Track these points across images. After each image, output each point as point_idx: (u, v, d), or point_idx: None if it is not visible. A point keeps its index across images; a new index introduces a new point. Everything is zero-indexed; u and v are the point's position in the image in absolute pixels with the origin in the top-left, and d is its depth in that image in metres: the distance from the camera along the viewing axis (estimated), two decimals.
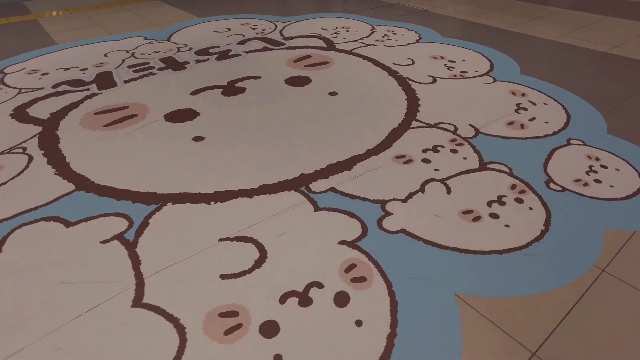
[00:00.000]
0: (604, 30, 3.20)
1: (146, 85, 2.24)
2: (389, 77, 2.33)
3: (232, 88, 2.21)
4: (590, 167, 1.56)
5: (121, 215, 1.33)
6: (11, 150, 1.69)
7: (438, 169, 1.53)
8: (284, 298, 1.04)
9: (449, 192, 1.41)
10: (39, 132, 1.81)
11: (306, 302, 1.03)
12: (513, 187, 1.44)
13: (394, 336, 0.96)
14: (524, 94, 2.14)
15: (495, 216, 1.31)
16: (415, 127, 1.82)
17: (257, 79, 2.32)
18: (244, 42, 2.91)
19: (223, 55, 2.65)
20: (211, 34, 3.09)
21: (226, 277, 1.11)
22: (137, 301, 1.05)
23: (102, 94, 2.16)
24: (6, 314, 1.02)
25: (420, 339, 0.95)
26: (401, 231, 1.25)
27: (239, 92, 2.17)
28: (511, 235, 1.24)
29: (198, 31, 3.16)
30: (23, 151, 1.68)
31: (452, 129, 1.81)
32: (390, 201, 1.37)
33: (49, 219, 1.32)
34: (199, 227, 1.27)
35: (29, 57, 2.67)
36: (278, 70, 2.42)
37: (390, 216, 1.30)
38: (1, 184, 1.49)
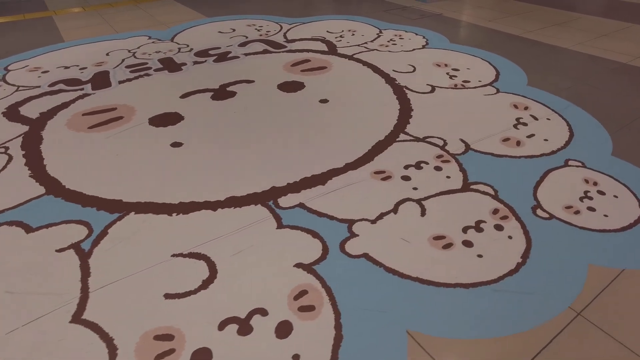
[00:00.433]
0: (629, 39, 2.99)
1: (139, 87, 2.24)
2: (386, 85, 2.24)
3: (222, 92, 2.17)
4: (586, 192, 1.44)
5: (83, 222, 1.31)
6: None
7: (417, 188, 1.44)
8: (223, 324, 0.99)
9: (423, 214, 1.32)
10: (24, 132, 1.82)
11: (246, 330, 0.98)
12: (495, 212, 1.33)
13: None
14: (526, 108, 2.01)
15: (468, 244, 1.21)
16: (401, 141, 1.73)
17: (251, 83, 2.28)
18: (245, 44, 2.87)
19: (222, 57, 2.63)
20: (215, 35, 3.07)
21: (170, 296, 1.07)
22: (77, 316, 1.02)
23: (95, 94, 2.17)
24: None
25: None
26: (363, 255, 1.17)
27: (229, 96, 2.13)
28: (483, 267, 1.14)
29: (202, 31, 3.15)
30: (5, 151, 1.69)
31: (441, 143, 1.71)
32: (359, 221, 1.29)
33: (11, 223, 1.31)
34: (154, 241, 1.24)
35: (34, 55, 2.72)
36: (273, 74, 2.37)
37: (355, 238, 1.23)
38: None
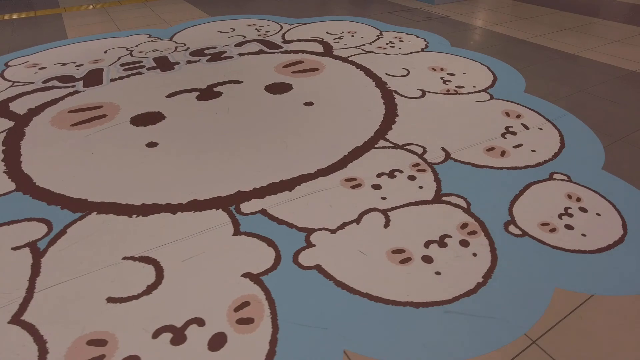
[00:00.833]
0: None
1: (129, 85, 2.25)
2: (375, 89, 2.18)
3: (209, 92, 2.16)
4: (566, 209, 1.35)
5: (44, 221, 1.31)
6: None
7: (385, 197, 1.39)
8: (158, 332, 0.97)
9: (387, 225, 1.27)
10: (9, 128, 1.85)
11: (179, 340, 0.95)
12: (463, 226, 1.27)
13: None
14: (519, 116, 1.92)
15: (428, 260, 1.15)
16: (380, 147, 1.67)
17: (239, 83, 2.26)
18: (242, 44, 2.86)
19: (216, 57, 2.62)
20: (214, 34, 3.07)
21: (113, 300, 1.05)
22: (17, 317, 1.01)
23: (85, 91, 2.19)
24: None
25: None
26: (315, 267, 1.13)
27: (214, 96, 2.11)
28: (439, 285, 1.08)
29: (202, 31, 3.16)
30: None
31: (421, 151, 1.64)
32: (318, 231, 1.25)
33: None
34: (109, 242, 1.22)
35: (35, 51, 2.78)
36: (263, 75, 2.35)
37: (310, 249, 1.18)
38: None
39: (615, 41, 2.91)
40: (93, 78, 2.34)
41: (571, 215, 1.32)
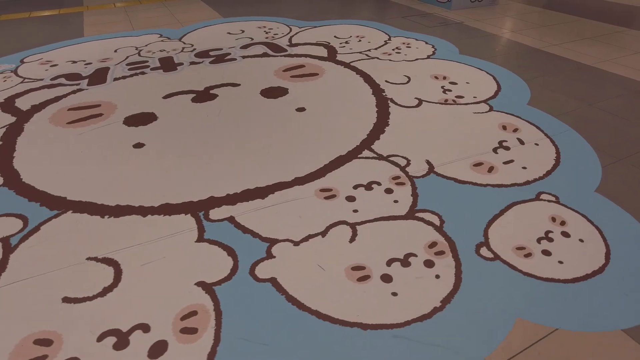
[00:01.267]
0: None
1: (130, 85, 2.30)
2: (371, 97, 2.14)
3: (205, 94, 2.18)
4: (547, 233, 1.27)
5: (21, 217, 1.36)
6: None
7: (357, 210, 1.35)
8: (104, 335, 0.98)
9: (352, 240, 1.24)
10: (10, 123, 1.93)
11: (122, 344, 0.95)
12: (432, 245, 1.22)
13: None
14: (516, 130, 1.83)
15: (387, 279, 1.11)
16: (363, 157, 1.64)
17: (236, 86, 2.27)
18: (247, 46, 2.88)
19: (219, 59, 2.64)
20: (223, 36, 3.10)
21: (68, 300, 1.07)
22: None
23: (88, 90, 2.26)
24: None
25: None
26: (270, 280, 1.11)
27: (209, 99, 2.13)
28: (393, 307, 1.04)
29: (212, 32, 3.20)
30: None
31: (404, 163, 1.60)
32: (282, 242, 1.23)
33: None
34: (77, 242, 1.25)
35: (51, 48, 2.89)
36: (262, 78, 2.35)
37: (269, 260, 1.17)
38: None
39: (638, 52, 2.74)
40: (98, 77, 2.41)
41: (551, 240, 1.25)
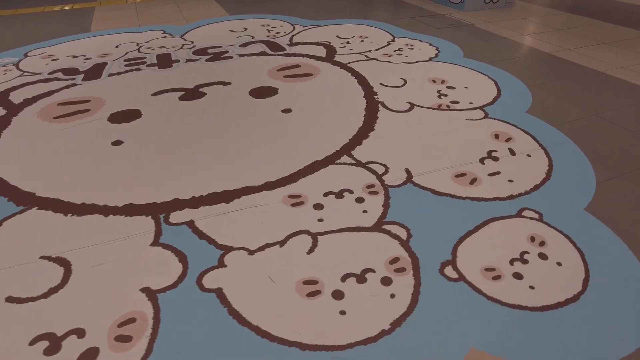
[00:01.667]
0: None
1: (123, 81, 2.30)
2: (362, 100, 2.07)
3: (194, 92, 2.16)
4: (523, 254, 1.18)
5: None
6: None
7: (322, 220, 1.29)
8: (37, 339, 0.95)
9: (311, 251, 1.18)
10: (0, 116, 1.96)
11: (53, 350, 0.93)
12: (393, 261, 1.15)
13: None
14: (509, 139, 1.73)
15: (339, 296, 1.05)
16: (340, 163, 1.57)
17: (227, 85, 2.24)
18: (247, 44, 2.84)
19: (216, 57, 2.62)
20: (225, 33, 3.08)
21: (11, 300, 1.05)
22: None
23: (82, 85, 2.27)
24: None
25: None
26: (216, 290, 1.07)
27: (197, 97, 2.11)
28: (338, 326, 0.98)
29: (215, 29, 3.18)
30: None
31: (382, 171, 1.52)
32: (236, 250, 1.18)
33: None
34: (35, 239, 1.24)
35: (55, 43, 2.94)
36: (254, 78, 2.31)
37: (219, 269, 1.12)
38: None
39: None
40: (94, 72, 2.43)
41: (526, 262, 1.15)
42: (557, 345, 0.94)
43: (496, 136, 1.75)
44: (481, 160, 1.59)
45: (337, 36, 2.99)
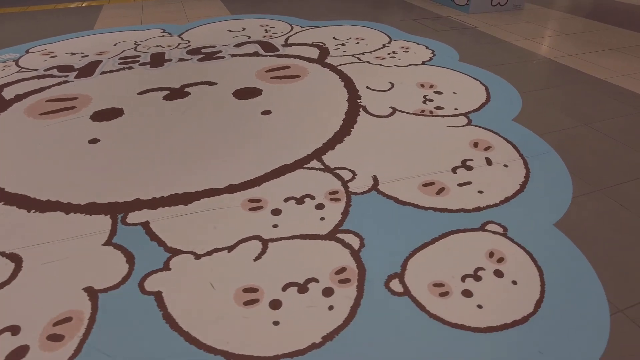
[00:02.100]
0: None
1: (112, 79, 2.34)
2: (344, 103, 2.04)
3: (179, 92, 2.17)
4: (477, 270, 1.13)
5: None
6: None
7: (277, 226, 1.27)
8: None
9: (258, 258, 1.16)
10: None
11: None
12: (339, 271, 1.12)
13: None
14: (488, 148, 1.67)
15: (275, 305, 1.03)
16: (308, 168, 1.55)
17: (212, 85, 2.24)
18: (241, 44, 2.85)
19: (208, 57, 2.63)
20: (223, 33, 3.09)
21: None
22: None
23: (73, 82, 2.32)
24: None
25: None
26: (155, 294, 1.06)
27: (181, 97, 2.12)
28: (268, 337, 0.96)
29: (213, 29, 3.20)
30: None
31: (349, 177, 1.49)
32: (184, 254, 1.18)
33: None
34: None
35: (57, 40, 3.01)
36: (241, 78, 2.31)
37: (163, 272, 1.12)
38: None
39: None
40: (87, 70, 2.47)
41: (479, 279, 1.11)
42: None
43: (475, 144, 1.69)
44: (453, 170, 1.54)
45: (334, 37, 2.97)
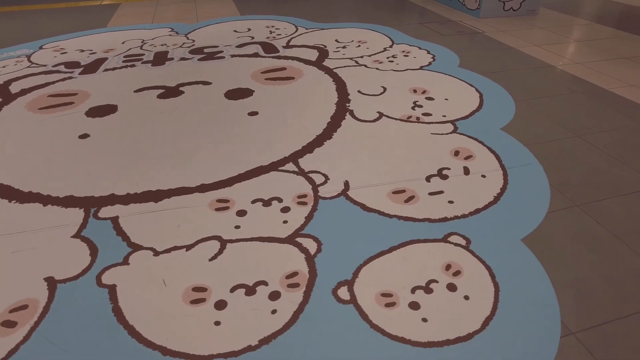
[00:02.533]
0: None
1: (114, 77, 2.42)
2: (332, 106, 2.04)
3: (173, 91, 2.22)
4: (430, 282, 1.11)
5: None
6: None
7: (239, 227, 1.29)
8: None
9: (213, 258, 1.18)
10: None
11: None
12: (290, 275, 1.12)
13: None
14: (469, 157, 1.63)
15: (221, 306, 1.04)
16: (283, 170, 1.56)
17: (207, 85, 2.29)
18: (242, 45, 2.89)
19: (209, 57, 2.68)
20: (228, 33, 3.14)
21: None
22: None
23: (77, 78, 2.41)
24: None
25: None
26: (109, 287, 1.10)
27: (175, 95, 2.17)
28: (207, 336, 0.97)
29: (220, 29, 3.25)
30: None
31: (321, 181, 1.49)
32: (145, 250, 1.21)
33: None
34: None
35: (70, 37, 3.13)
36: (235, 79, 2.34)
37: (120, 267, 1.16)
38: None
39: None
40: (92, 66, 2.57)
41: (430, 292, 1.09)
42: None
43: (456, 153, 1.66)
44: (427, 178, 1.52)
45: (336, 40, 2.97)
